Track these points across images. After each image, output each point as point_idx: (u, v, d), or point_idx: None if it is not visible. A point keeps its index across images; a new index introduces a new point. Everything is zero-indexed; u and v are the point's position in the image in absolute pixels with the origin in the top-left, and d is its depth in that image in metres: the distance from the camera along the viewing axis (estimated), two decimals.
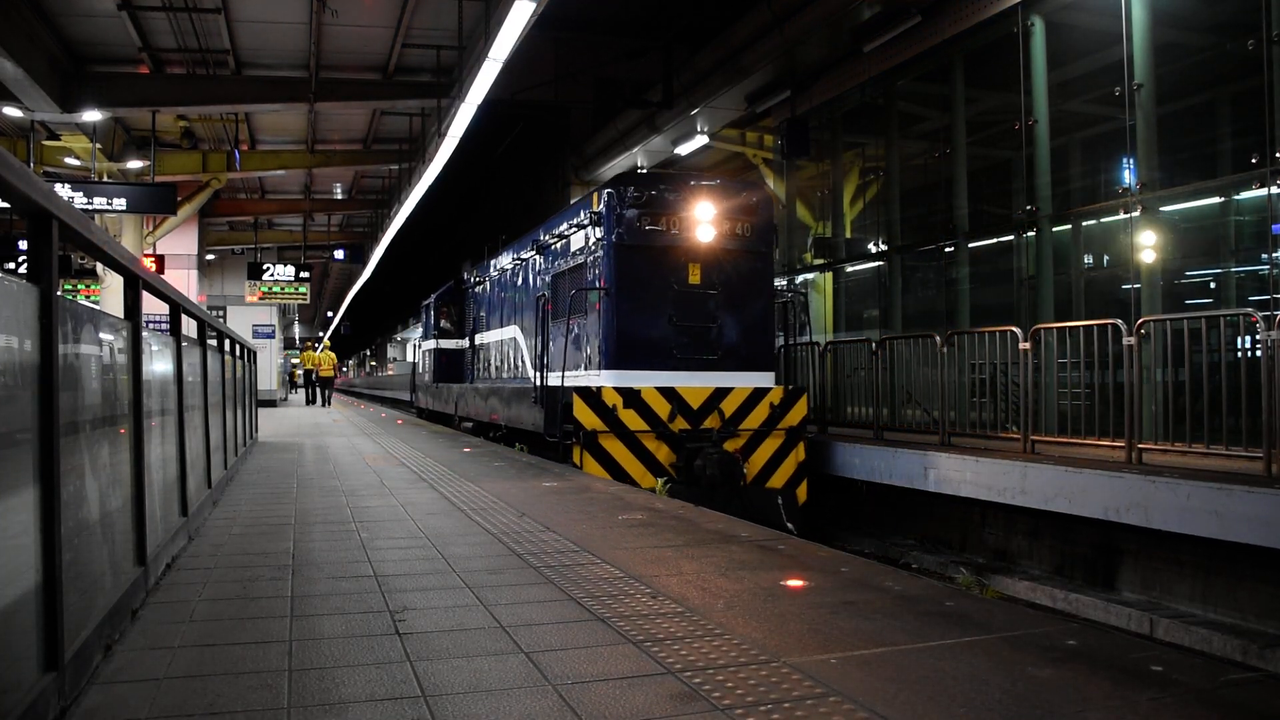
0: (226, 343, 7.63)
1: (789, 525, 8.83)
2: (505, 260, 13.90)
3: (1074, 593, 6.91)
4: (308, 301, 27.76)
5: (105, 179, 17.18)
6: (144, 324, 3.60)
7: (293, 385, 37.51)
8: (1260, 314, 6.27)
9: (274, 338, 28.96)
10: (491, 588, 3.79)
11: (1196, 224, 9.50)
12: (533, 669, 2.75)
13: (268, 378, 25.91)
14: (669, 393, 9.06)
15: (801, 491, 9.48)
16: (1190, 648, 5.87)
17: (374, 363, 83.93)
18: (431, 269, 46.82)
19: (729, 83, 14.77)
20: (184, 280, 21.12)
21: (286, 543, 4.87)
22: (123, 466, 3.39)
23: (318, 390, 27.55)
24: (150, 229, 19.65)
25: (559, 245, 11.09)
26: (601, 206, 9.59)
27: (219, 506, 6.20)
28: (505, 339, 13.70)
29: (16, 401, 2.20)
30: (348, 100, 15.20)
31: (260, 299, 25.20)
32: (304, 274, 25.45)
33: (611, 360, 9.30)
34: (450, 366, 17.90)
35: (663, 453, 9.05)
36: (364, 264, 29.65)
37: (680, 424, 9.02)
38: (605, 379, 9.24)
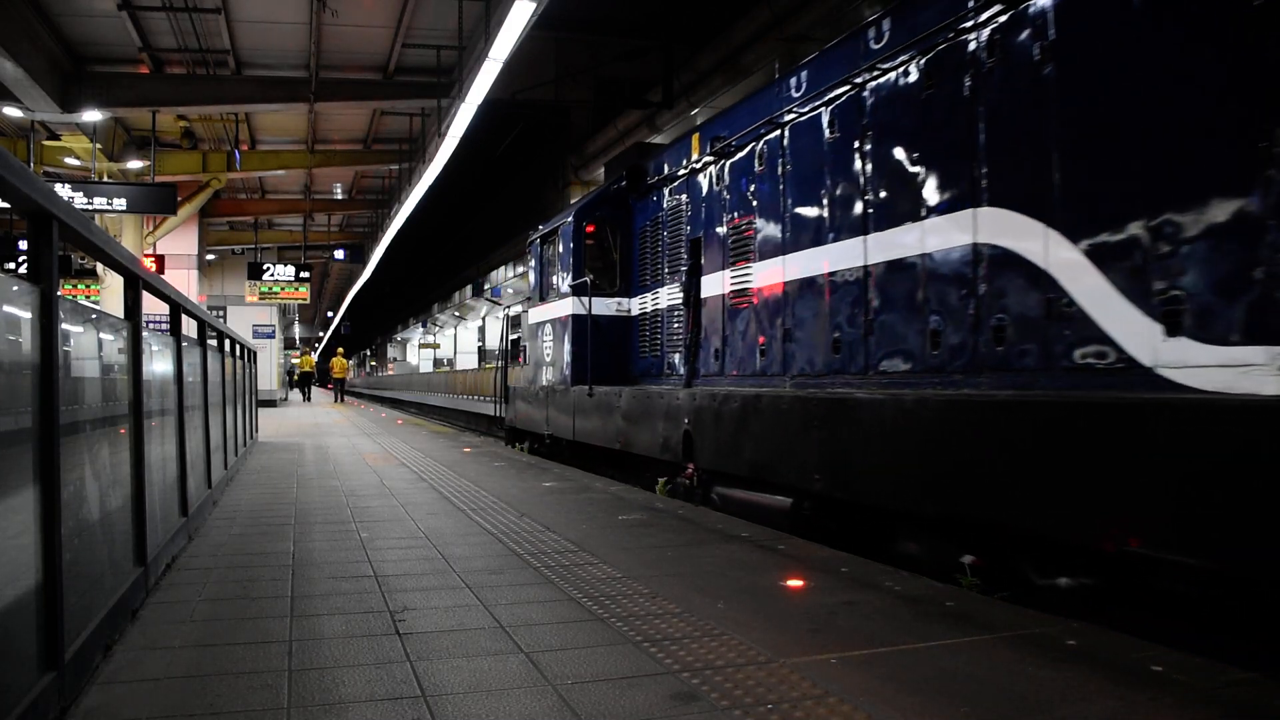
0: (226, 343, 7.63)
1: None
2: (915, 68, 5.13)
3: None
4: (308, 301, 27.81)
5: (105, 179, 17.20)
6: (144, 324, 3.60)
7: (291, 385, 37.94)
8: None
9: (274, 338, 28.98)
10: (491, 588, 3.79)
11: None
12: (532, 669, 2.75)
13: (268, 378, 25.92)
14: None
15: None
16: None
17: (374, 363, 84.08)
18: (432, 269, 46.93)
19: (729, 83, 14.78)
20: (184, 280, 21.12)
21: (286, 543, 4.87)
22: (123, 466, 3.39)
23: (311, 390, 31.98)
24: (150, 229, 19.66)
25: None
26: None
27: (219, 506, 6.20)
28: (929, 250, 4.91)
29: (16, 401, 2.21)
30: (348, 100, 15.24)
31: (260, 299, 25.20)
32: (304, 274, 25.47)
33: None
34: (609, 351, 9.39)
35: None
36: (364, 264, 29.70)
37: None
38: None
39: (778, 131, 6.46)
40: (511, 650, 2.94)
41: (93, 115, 14.20)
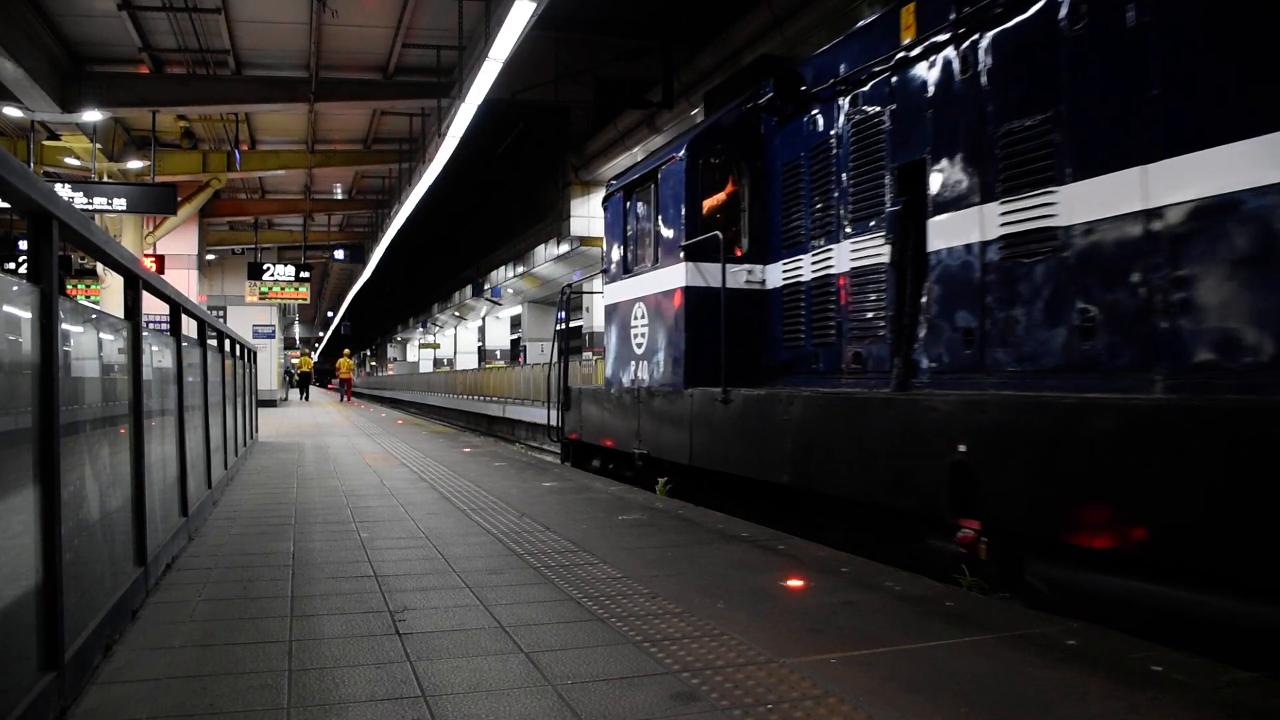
0: (226, 343, 7.63)
1: None
2: None
3: None
4: (308, 301, 27.81)
5: (105, 179, 17.21)
6: (144, 324, 3.60)
7: (291, 383, 38.25)
8: None
9: (274, 338, 28.99)
10: (491, 588, 3.79)
11: None
12: (533, 669, 2.75)
13: (268, 378, 25.93)
14: None
15: None
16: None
17: (374, 363, 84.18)
18: (432, 269, 46.97)
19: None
20: (184, 280, 21.12)
21: (287, 543, 4.87)
22: (123, 466, 3.39)
23: (309, 389, 34.36)
24: (150, 229, 19.67)
25: None
26: None
27: (219, 506, 6.20)
28: None
29: (16, 401, 2.21)
30: (348, 100, 15.24)
31: (260, 299, 25.20)
32: (304, 274, 25.48)
33: None
34: (734, 339, 6.40)
35: None
36: (364, 264, 29.73)
37: None
38: None
39: None
40: (511, 650, 2.94)
41: (93, 115, 14.20)
